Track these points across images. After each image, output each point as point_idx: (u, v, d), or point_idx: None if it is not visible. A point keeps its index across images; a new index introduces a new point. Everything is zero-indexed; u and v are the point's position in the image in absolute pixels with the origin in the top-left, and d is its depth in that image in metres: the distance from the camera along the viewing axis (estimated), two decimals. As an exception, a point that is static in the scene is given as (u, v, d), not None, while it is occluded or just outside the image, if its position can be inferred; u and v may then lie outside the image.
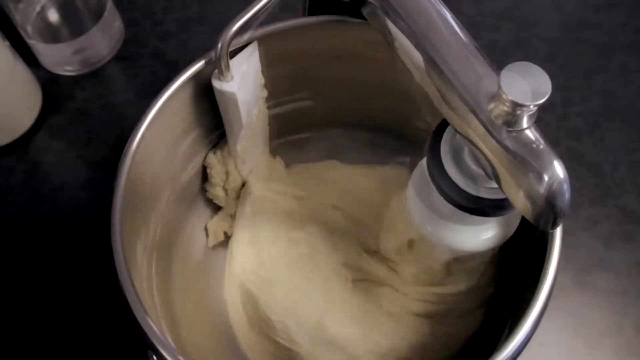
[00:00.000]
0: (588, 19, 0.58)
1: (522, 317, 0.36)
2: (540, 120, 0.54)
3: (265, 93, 0.45)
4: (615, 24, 0.58)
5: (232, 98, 0.42)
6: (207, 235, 0.49)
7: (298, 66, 0.45)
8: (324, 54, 0.45)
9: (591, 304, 0.49)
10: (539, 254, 0.39)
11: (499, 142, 0.31)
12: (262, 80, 0.44)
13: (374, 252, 0.48)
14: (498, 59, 0.57)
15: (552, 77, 0.59)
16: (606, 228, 0.51)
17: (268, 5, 0.39)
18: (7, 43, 0.52)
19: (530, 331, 0.35)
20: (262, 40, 0.42)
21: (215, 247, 0.49)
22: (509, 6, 0.59)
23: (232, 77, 0.41)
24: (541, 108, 0.59)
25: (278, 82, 0.45)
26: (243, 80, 0.41)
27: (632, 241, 0.51)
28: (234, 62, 0.41)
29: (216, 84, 0.41)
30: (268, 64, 0.43)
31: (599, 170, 0.53)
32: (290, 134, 0.50)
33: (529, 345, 0.36)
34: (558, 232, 0.37)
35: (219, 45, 0.38)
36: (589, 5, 0.59)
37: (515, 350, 0.35)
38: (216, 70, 0.41)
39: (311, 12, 0.43)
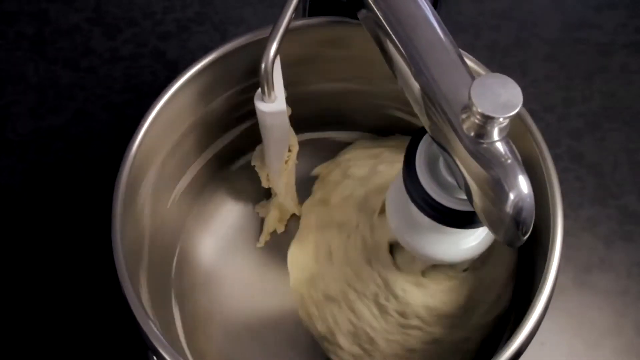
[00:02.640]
0: (588, 19, 0.58)
1: (523, 318, 0.36)
2: (541, 120, 0.54)
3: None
4: (615, 24, 0.58)
5: (281, 117, 0.40)
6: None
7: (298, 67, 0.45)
8: (323, 55, 0.45)
9: (591, 304, 0.49)
10: (539, 255, 0.39)
11: (469, 152, 0.31)
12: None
13: None
14: (498, 59, 0.57)
15: (552, 77, 0.59)
16: (606, 228, 0.51)
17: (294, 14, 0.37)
18: None
19: (531, 331, 0.36)
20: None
21: (221, 246, 0.49)
22: (509, 6, 0.59)
23: (276, 96, 0.39)
24: (542, 108, 0.58)
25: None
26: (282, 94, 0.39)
27: (632, 241, 0.51)
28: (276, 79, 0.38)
29: (262, 106, 0.39)
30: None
31: (600, 170, 0.53)
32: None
33: (529, 345, 0.36)
34: (559, 232, 0.37)
35: (263, 66, 0.37)
36: (589, 5, 0.59)
37: (517, 351, 0.35)
38: (258, 92, 0.39)
39: (311, 12, 0.43)
